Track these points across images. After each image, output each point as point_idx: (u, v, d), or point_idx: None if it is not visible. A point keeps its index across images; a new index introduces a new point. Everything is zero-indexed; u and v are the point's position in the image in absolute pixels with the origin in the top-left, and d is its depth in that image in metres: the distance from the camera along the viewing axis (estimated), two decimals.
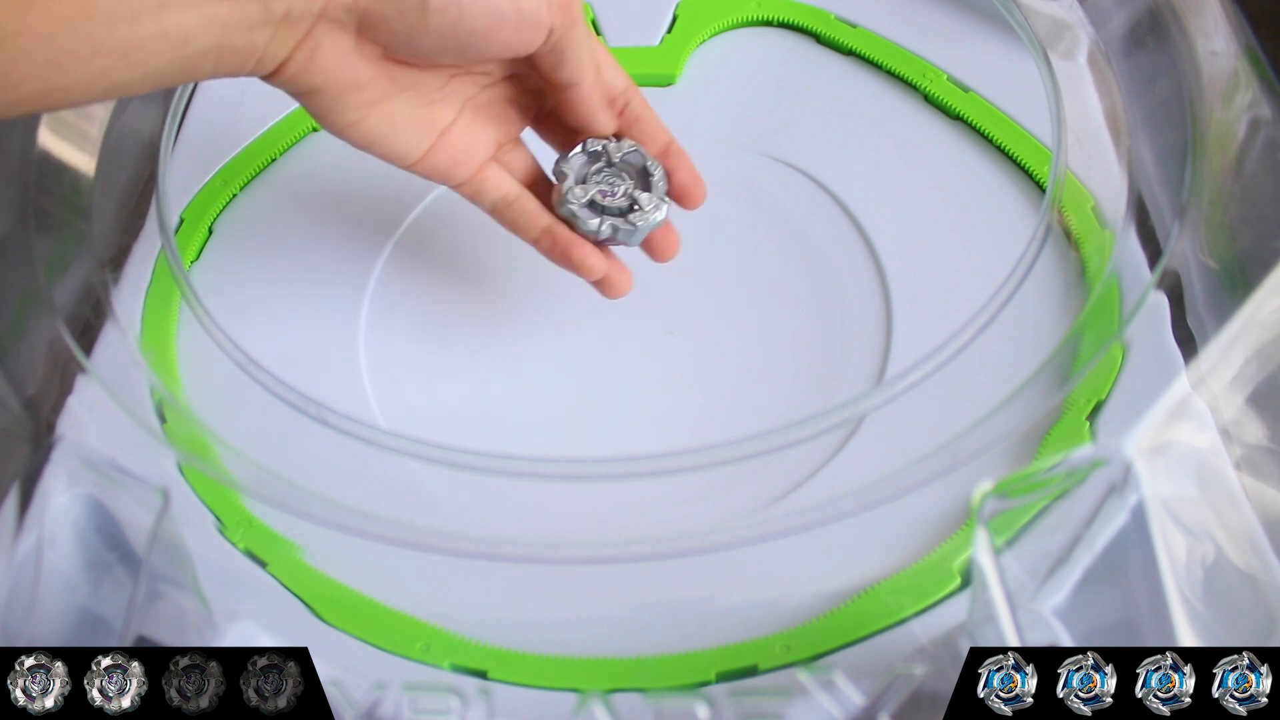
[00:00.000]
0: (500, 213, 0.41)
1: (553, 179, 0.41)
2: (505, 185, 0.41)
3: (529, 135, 0.42)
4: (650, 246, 0.42)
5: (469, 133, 0.40)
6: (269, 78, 0.36)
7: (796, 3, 0.54)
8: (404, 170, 0.40)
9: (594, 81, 0.39)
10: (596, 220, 0.40)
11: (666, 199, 0.41)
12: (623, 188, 0.41)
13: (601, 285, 0.41)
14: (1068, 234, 0.45)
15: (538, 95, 0.41)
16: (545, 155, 0.42)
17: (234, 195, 0.49)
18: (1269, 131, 0.42)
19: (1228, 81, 0.44)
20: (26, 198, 0.44)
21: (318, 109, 0.37)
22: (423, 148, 0.39)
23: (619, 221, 0.40)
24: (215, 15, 0.33)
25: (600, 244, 0.41)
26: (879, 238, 0.46)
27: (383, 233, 0.47)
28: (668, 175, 0.41)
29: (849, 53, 0.52)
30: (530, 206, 0.41)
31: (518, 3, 0.36)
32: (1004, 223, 0.46)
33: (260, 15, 0.34)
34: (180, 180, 0.48)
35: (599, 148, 0.41)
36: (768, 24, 0.54)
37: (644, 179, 0.41)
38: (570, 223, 0.41)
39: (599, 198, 0.40)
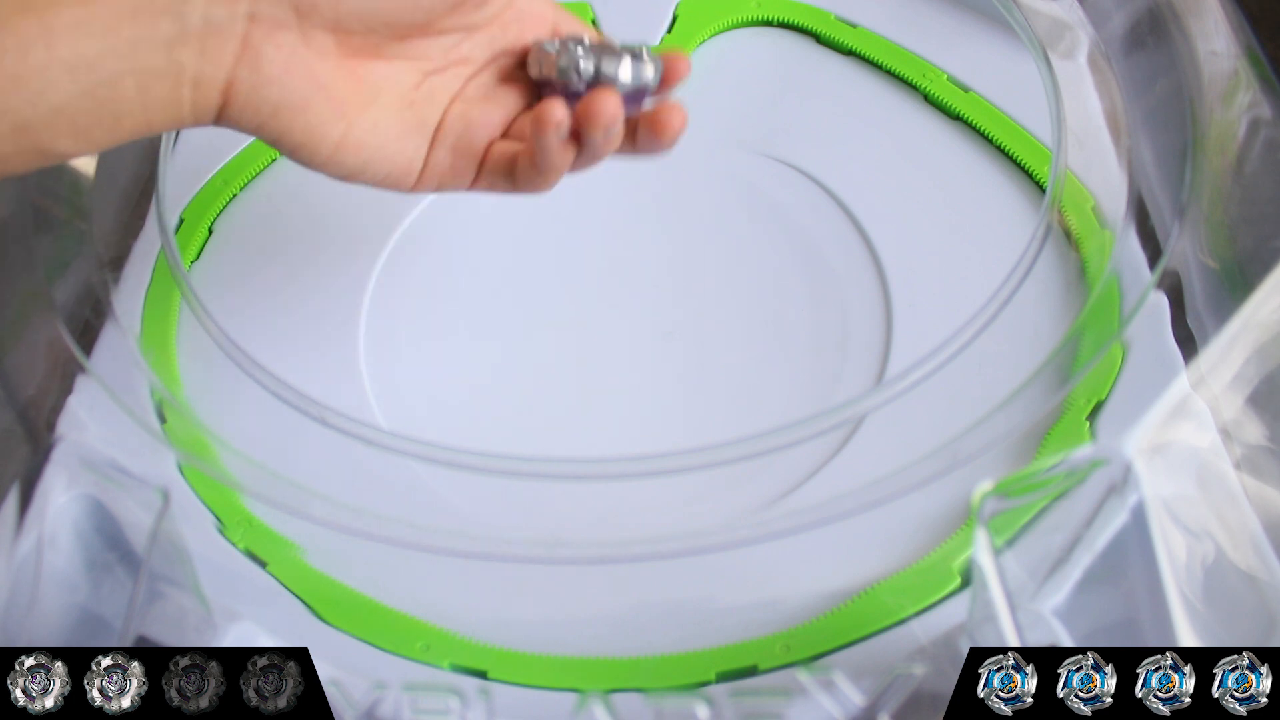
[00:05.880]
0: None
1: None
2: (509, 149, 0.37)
3: None
4: (652, 121, 0.36)
5: (464, 123, 0.36)
6: (225, 116, 0.33)
7: (796, 3, 0.54)
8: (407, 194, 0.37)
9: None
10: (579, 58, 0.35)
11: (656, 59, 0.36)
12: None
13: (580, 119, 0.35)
14: (1068, 234, 0.45)
15: None
16: None
17: (234, 195, 0.49)
18: (1269, 131, 0.42)
19: (1228, 81, 0.44)
20: (26, 198, 0.44)
21: (294, 139, 0.34)
22: (420, 156, 0.36)
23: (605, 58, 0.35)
24: (119, 38, 0.30)
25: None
26: (879, 238, 0.46)
27: (383, 233, 0.47)
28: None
29: (849, 53, 0.52)
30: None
31: None
32: (1004, 223, 0.46)
33: (175, 29, 0.30)
34: (180, 180, 0.48)
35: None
36: (768, 24, 0.54)
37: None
38: (548, 81, 0.36)
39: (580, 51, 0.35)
